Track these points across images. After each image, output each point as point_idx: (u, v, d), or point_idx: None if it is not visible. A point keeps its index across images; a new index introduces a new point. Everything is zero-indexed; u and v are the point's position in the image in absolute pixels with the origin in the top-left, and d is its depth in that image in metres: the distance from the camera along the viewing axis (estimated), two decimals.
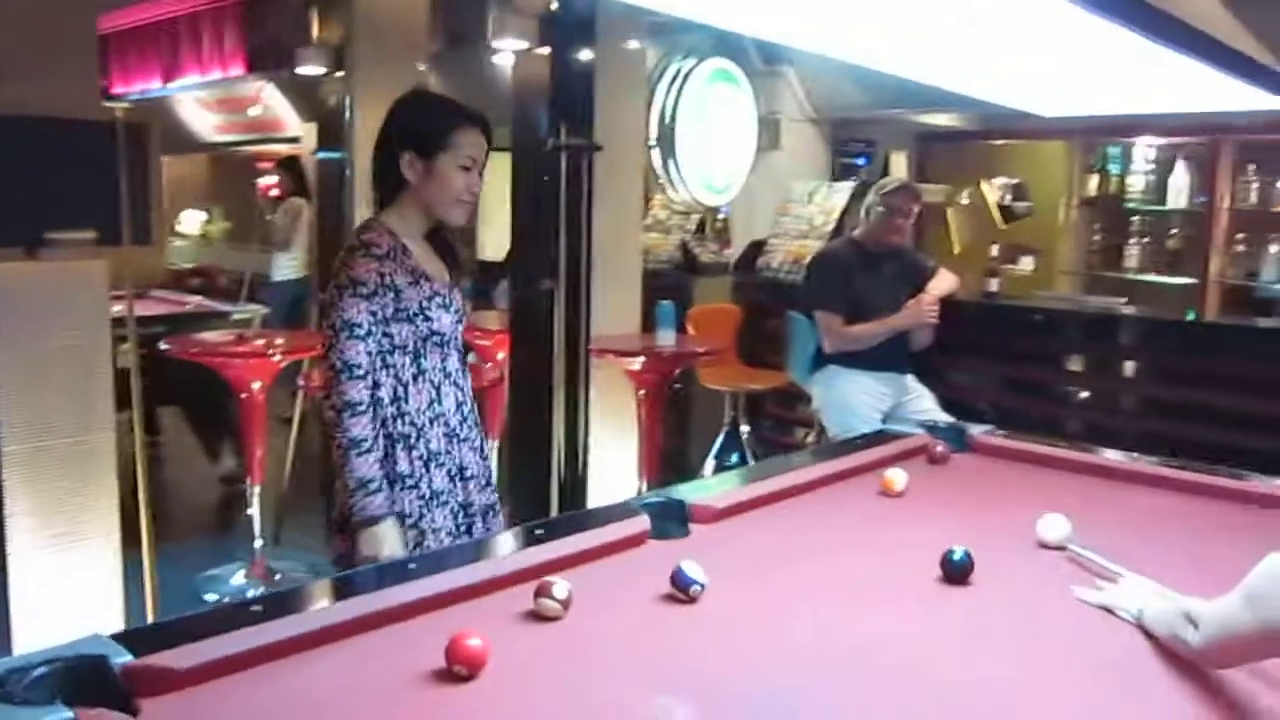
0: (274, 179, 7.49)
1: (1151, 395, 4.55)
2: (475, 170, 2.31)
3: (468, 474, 2.38)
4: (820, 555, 2.11)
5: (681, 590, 1.79)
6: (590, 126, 3.69)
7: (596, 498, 4.16)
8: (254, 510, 4.38)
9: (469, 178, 2.30)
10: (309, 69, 4.65)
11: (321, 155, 4.56)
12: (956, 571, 1.94)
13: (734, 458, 5.32)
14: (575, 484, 3.86)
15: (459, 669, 1.46)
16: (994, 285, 4.89)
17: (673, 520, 2.17)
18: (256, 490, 4.36)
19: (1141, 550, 2.12)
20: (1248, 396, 4.24)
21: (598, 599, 1.74)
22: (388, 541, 2.19)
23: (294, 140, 7.80)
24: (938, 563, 1.96)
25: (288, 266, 7.40)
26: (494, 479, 2.48)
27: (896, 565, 2.05)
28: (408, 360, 2.28)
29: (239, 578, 4.41)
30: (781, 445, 5.62)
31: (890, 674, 1.58)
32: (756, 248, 5.70)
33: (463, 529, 2.35)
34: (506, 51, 4.21)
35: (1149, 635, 1.67)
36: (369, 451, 2.20)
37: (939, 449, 2.84)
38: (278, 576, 4.40)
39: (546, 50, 3.75)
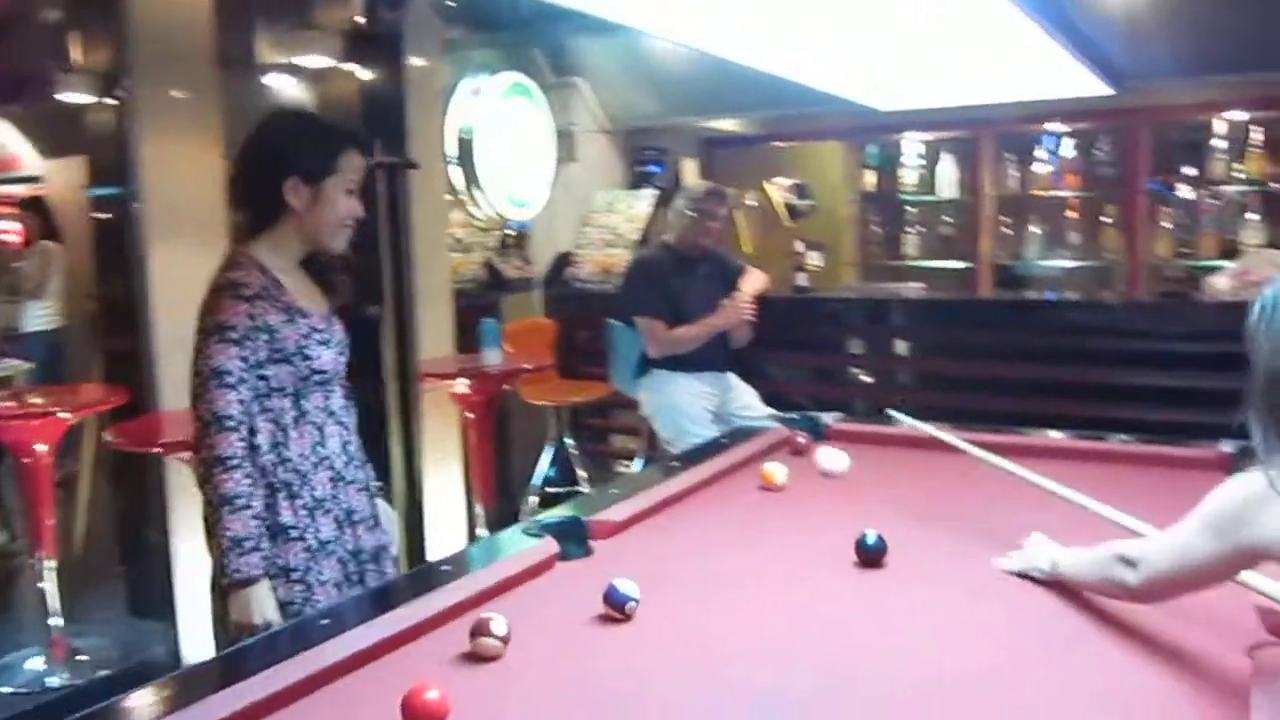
0: (16, 224, 6.81)
1: (952, 370, 4.76)
2: (357, 193, 2.19)
3: (355, 518, 2.22)
4: (731, 554, 2.09)
5: (617, 608, 1.72)
6: (403, 144, 3.54)
7: (430, 526, 4.01)
8: (48, 586, 3.93)
9: (353, 202, 2.17)
10: (73, 97, 4.22)
11: (96, 192, 4.14)
12: (872, 554, 1.97)
13: (553, 472, 5.24)
14: (415, 514, 3.69)
15: None
16: (803, 280, 5.06)
17: (573, 540, 2.09)
18: (50, 565, 3.91)
19: (1024, 514, 2.24)
20: (1025, 364, 4.52)
21: (531, 630, 1.64)
22: (260, 605, 2.02)
23: (33, 180, 7.12)
24: (851, 548, 1.99)
25: (41, 317, 6.74)
26: (382, 519, 2.32)
27: (809, 556, 2.06)
28: (288, 403, 2.12)
29: (36, 663, 3.94)
30: (608, 455, 5.61)
31: (848, 659, 1.58)
32: (564, 260, 5.66)
33: (354, 578, 2.19)
34: (302, 70, 3.95)
35: (1062, 586, 1.75)
36: (244, 509, 2.02)
37: (800, 440, 2.89)
38: (83, 658, 3.96)
39: (352, 67, 3.57)
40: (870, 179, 6.66)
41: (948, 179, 6.31)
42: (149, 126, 3.62)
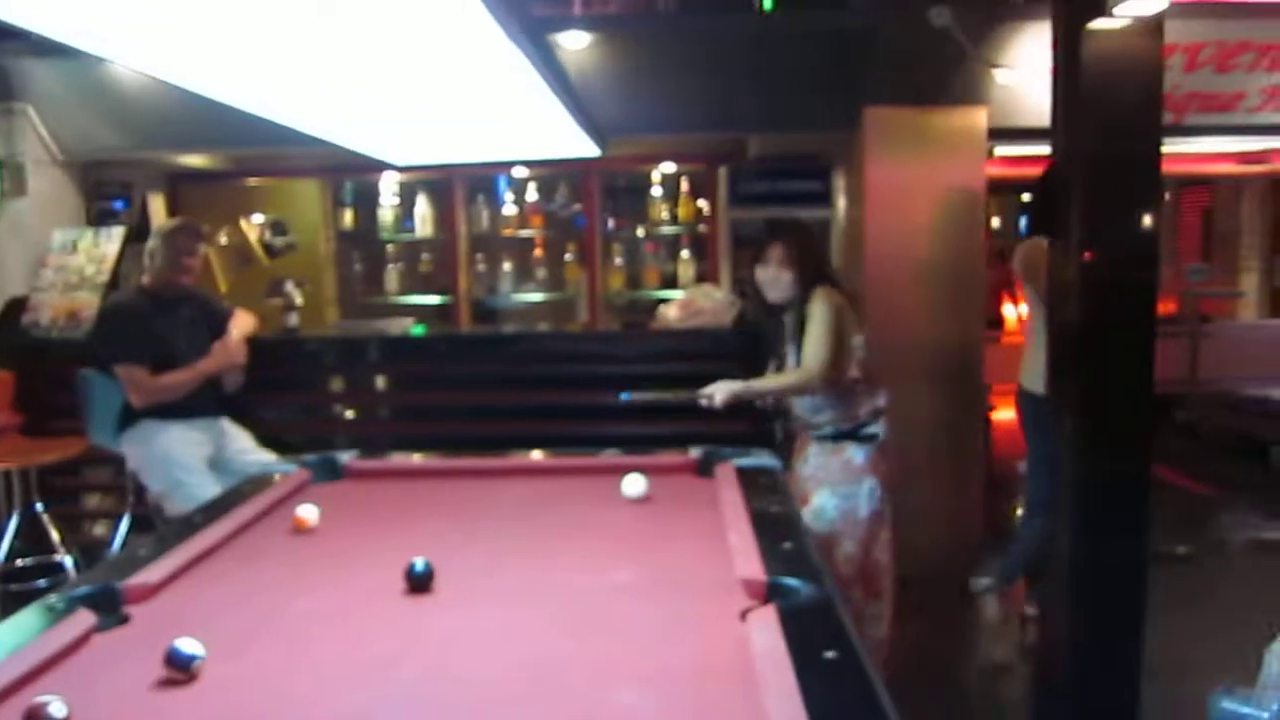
0: None
1: (451, 401, 4.97)
2: None
3: None
4: (279, 598, 2.13)
5: (182, 668, 1.71)
6: None
7: None
8: None
9: None
10: None
11: None
12: (420, 580, 2.13)
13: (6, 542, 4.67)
14: None
15: None
16: (294, 320, 5.01)
17: (107, 609, 2.01)
18: None
19: (544, 518, 2.55)
20: (505, 391, 4.89)
21: (93, 709, 1.57)
22: None
23: None
24: (397, 578, 2.13)
25: None
26: None
27: (357, 589, 2.16)
28: None
29: None
30: (81, 517, 5.10)
31: (427, 673, 1.72)
32: (17, 305, 5.04)
33: None
34: None
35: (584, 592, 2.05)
36: None
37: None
38: None
39: None
40: (348, 217, 6.75)
41: (424, 218, 6.59)
42: None
